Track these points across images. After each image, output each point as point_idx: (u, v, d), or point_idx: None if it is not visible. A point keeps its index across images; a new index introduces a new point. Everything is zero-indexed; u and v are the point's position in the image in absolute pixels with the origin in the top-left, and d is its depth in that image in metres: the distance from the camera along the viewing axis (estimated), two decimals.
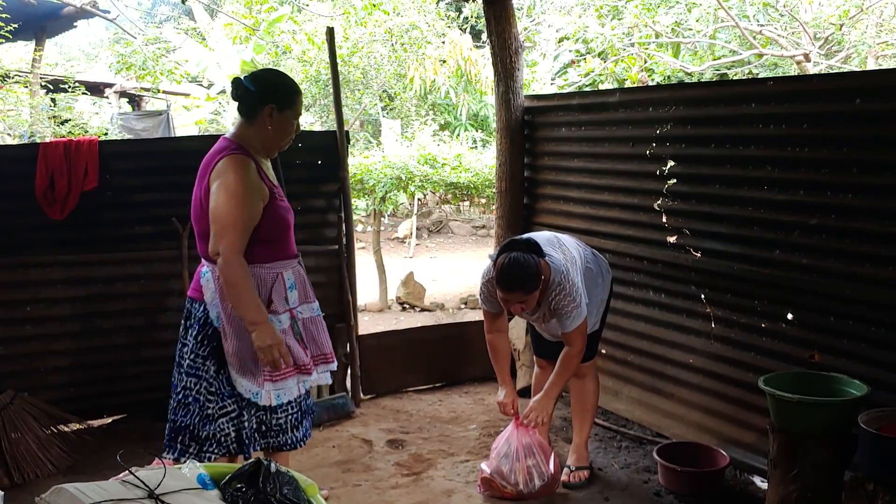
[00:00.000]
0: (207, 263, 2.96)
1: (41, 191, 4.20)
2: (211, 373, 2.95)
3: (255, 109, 2.94)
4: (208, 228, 2.84)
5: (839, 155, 3.23)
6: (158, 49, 12.44)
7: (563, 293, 3.33)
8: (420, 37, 12.53)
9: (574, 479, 3.72)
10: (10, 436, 3.89)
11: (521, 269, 3.20)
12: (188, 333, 3.00)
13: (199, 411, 2.94)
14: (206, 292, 2.95)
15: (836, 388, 3.11)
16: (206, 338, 2.96)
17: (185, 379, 2.96)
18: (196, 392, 2.95)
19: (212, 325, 2.95)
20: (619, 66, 11.12)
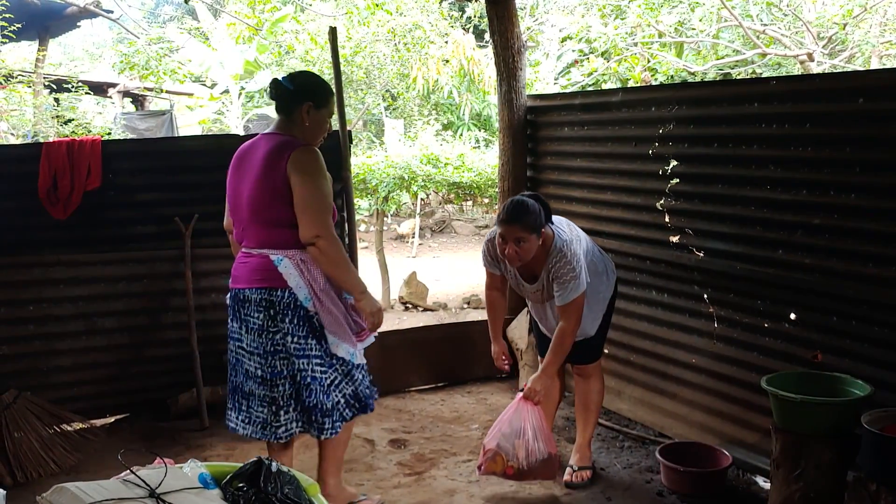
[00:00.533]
0: (280, 251, 3.07)
1: (44, 190, 4.21)
2: (315, 349, 3.11)
3: (294, 107, 3.13)
4: (279, 217, 3.03)
5: (842, 154, 3.23)
6: (161, 49, 12.46)
7: (564, 261, 3.38)
8: (423, 36, 12.53)
9: (576, 478, 3.72)
10: (13, 435, 3.90)
11: (523, 206, 3.36)
12: (276, 321, 3.08)
13: (319, 387, 3.11)
14: (288, 279, 3.06)
15: (839, 389, 3.10)
16: (300, 319, 3.08)
17: (297, 362, 3.09)
18: (311, 371, 3.09)
19: (302, 306, 3.08)
20: (623, 66, 11.10)
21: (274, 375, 3.11)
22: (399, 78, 13.34)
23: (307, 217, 3.00)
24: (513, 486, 3.70)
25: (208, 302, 4.62)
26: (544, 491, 3.66)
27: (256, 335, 3.11)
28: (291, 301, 3.07)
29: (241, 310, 3.16)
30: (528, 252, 3.38)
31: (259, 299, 3.09)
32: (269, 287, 3.07)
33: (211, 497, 2.22)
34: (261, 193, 3.07)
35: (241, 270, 3.18)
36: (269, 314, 3.08)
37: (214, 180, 4.60)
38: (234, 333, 3.23)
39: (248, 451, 4.07)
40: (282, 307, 3.07)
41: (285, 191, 3.00)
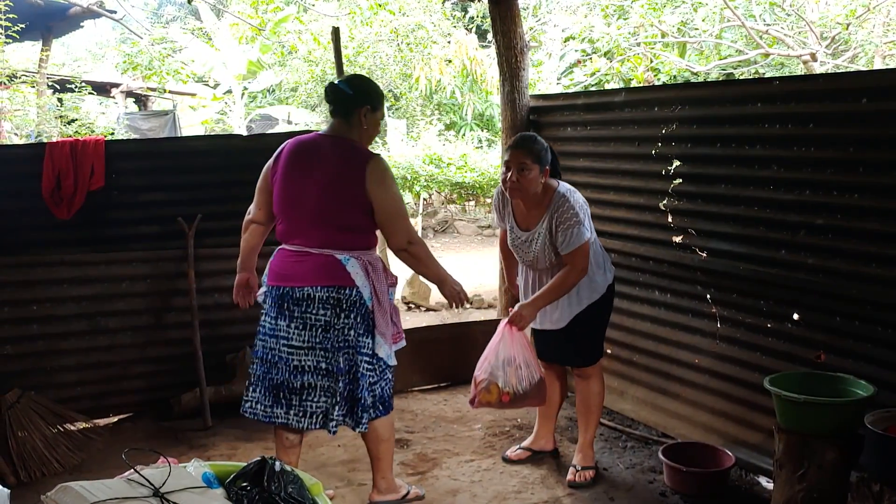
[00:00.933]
0: (346, 251, 3.17)
1: (48, 190, 4.21)
2: (367, 347, 3.22)
3: (352, 111, 3.21)
4: (350, 222, 3.17)
5: (845, 155, 3.22)
6: (164, 49, 12.48)
7: (567, 205, 3.44)
8: (425, 37, 12.55)
9: (579, 478, 3.72)
10: (16, 434, 3.91)
11: (532, 136, 3.58)
12: (341, 318, 3.17)
13: (365, 383, 3.20)
14: (356, 278, 3.16)
15: (842, 389, 3.10)
16: (361, 317, 3.19)
17: (355, 356, 3.19)
18: (362, 367, 3.20)
19: (364, 304, 3.18)
20: (625, 66, 11.11)
21: (338, 371, 3.18)
22: (402, 78, 13.36)
23: (397, 226, 3.21)
24: (515, 485, 3.71)
25: (211, 302, 4.63)
26: (548, 491, 3.66)
27: (321, 332, 3.18)
28: (357, 299, 3.17)
29: (294, 307, 3.19)
30: (528, 182, 3.44)
31: (326, 297, 3.15)
32: (337, 285, 3.15)
33: (215, 496, 2.22)
34: (333, 199, 3.14)
35: (296, 269, 3.18)
36: (336, 311, 3.16)
37: (218, 180, 4.64)
38: (279, 331, 3.23)
39: (251, 450, 4.08)
40: (348, 305, 3.16)
41: (363, 200, 3.13)
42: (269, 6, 12.81)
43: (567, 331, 3.68)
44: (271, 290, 3.26)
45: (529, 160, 3.42)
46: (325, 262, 3.15)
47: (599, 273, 3.65)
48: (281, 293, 3.21)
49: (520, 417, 4.52)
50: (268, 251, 3.45)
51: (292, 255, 3.21)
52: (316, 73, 14.08)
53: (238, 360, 4.66)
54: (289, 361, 3.21)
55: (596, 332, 3.77)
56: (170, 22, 20.53)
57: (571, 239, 3.42)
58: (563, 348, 3.76)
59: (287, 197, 3.23)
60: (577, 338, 3.70)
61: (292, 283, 3.18)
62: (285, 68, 15.06)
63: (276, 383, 3.25)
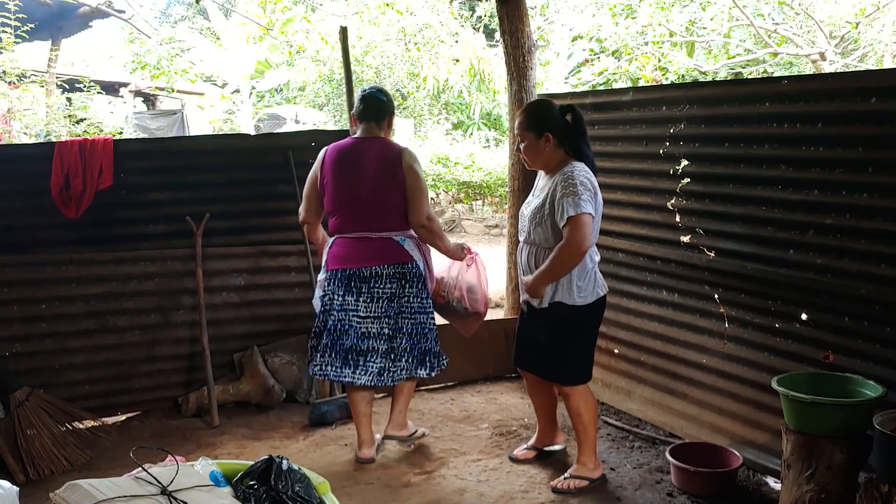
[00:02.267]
0: (399, 233, 3.81)
1: (56, 189, 4.23)
2: (430, 306, 3.95)
3: (384, 116, 3.86)
4: (398, 206, 3.75)
5: (854, 154, 3.21)
6: (173, 49, 12.51)
7: (567, 177, 3.39)
8: (433, 36, 12.55)
9: (562, 485, 3.64)
10: (25, 432, 3.93)
11: (534, 104, 3.77)
12: (405, 288, 3.83)
13: (432, 335, 3.94)
14: (413, 254, 3.83)
15: (850, 389, 3.09)
16: (422, 284, 3.88)
17: (420, 317, 3.89)
18: (430, 323, 3.93)
19: (422, 273, 3.87)
20: (633, 66, 11.08)
21: (396, 331, 3.83)
22: (409, 77, 13.36)
23: (421, 203, 3.75)
24: (522, 485, 3.71)
25: (219, 301, 4.64)
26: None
27: (386, 302, 3.80)
28: (416, 271, 3.84)
29: (362, 284, 3.79)
30: (529, 152, 3.57)
31: (392, 273, 3.79)
32: (400, 262, 3.80)
33: (222, 494, 2.23)
34: (383, 190, 3.73)
35: (362, 252, 3.77)
36: (401, 283, 3.82)
37: (225, 179, 4.65)
38: (348, 305, 3.81)
39: (258, 449, 4.09)
40: (410, 276, 3.83)
41: (402, 184, 3.72)
42: (278, 6, 12.84)
43: (550, 341, 3.58)
44: (336, 273, 3.82)
45: (524, 130, 3.54)
46: (387, 244, 3.77)
47: (586, 279, 3.51)
48: (348, 273, 3.79)
49: (527, 417, 4.52)
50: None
51: (355, 242, 3.78)
52: (323, 73, 14.10)
53: (246, 358, 4.68)
54: (357, 329, 3.81)
55: (577, 350, 3.60)
56: (178, 22, 20.58)
57: (566, 207, 3.33)
58: (543, 360, 3.65)
59: (341, 196, 3.77)
60: (559, 351, 3.58)
61: (360, 264, 3.77)
62: (293, 68, 15.09)
63: (345, 348, 3.82)
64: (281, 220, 4.77)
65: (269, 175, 4.73)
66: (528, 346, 3.73)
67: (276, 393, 4.66)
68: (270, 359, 4.74)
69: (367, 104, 3.83)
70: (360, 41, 12.50)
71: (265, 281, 4.76)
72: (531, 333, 3.68)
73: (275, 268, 4.77)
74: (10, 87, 9.63)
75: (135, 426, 4.50)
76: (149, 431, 4.41)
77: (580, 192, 3.34)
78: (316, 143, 4.79)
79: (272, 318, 4.82)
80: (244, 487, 2.28)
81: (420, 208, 3.74)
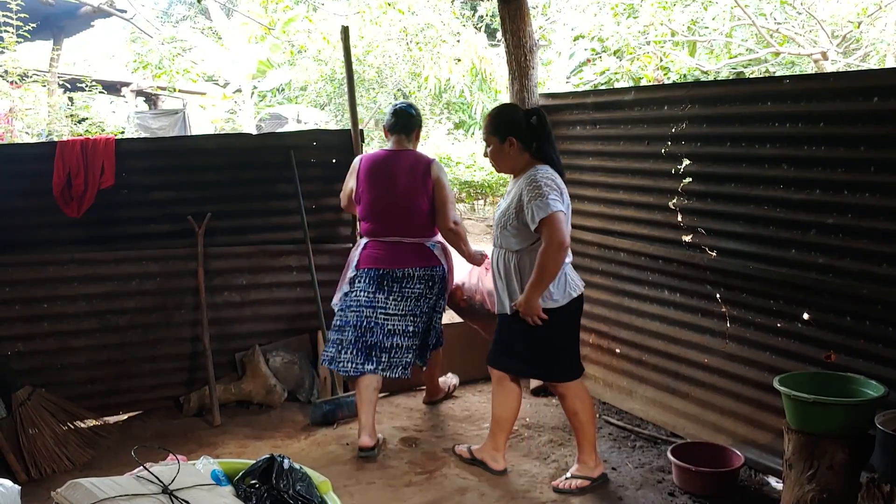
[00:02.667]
0: (429, 239, 4.17)
1: (58, 189, 4.24)
2: (441, 307, 4.34)
3: (413, 129, 4.23)
4: (428, 213, 4.09)
5: (856, 154, 3.21)
6: (174, 48, 12.51)
7: (530, 180, 3.43)
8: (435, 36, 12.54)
9: (564, 485, 3.64)
10: (27, 431, 3.94)
11: (496, 109, 3.76)
12: (431, 290, 4.16)
13: (437, 331, 4.35)
14: (440, 258, 4.18)
15: (852, 389, 3.08)
16: (443, 287, 4.23)
17: (435, 316, 4.28)
18: (435, 320, 4.30)
19: (444, 277, 4.21)
20: (635, 65, 11.07)
21: (419, 328, 4.15)
22: (411, 77, 13.35)
23: (448, 210, 4.09)
24: (524, 484, 3.71)
25: (221, 300, 4.65)
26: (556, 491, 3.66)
27: (413, 301, 4.11)
28: (441, 274, 4.18)
29: (394, 284, 4.09)
30: (494, 157, 3.65)
31: (422, 275, 4.11)
32: (430, 266, 4.13)
33: (223, 493, 2.23)
34: (414, 198, 4.05)
35: (395, 255, 4.08)
36: (428, 285, 4.14)
37: (227, 179, 4.66)
38: (377, 303, 4.08)
39: (260, 448, 4.09)
40: (436, 279, 4.16)
41: (431, 193, 4.06)
42: (279, 5, 12.84)
43: (529, 344, 3.58)
44: (367, 272, 4.10)
45: (489, 134, 3.63)
46: (419, 248, 4.12)
47: (556, 284, 3.48)
48: (381, 273, 4.09)
49: (528, 417, 4.52)
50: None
51: (388, 245, 4.08)
52: (325, 73, 14.10)
53: (247, 358, 4.68)
54: (384, 326, 4.07)
55: (559, 348, 3.60)
56: (180, 21, 20.59)
57: (535, 211, 3.35)
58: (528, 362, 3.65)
59: (375, 203, 4.09)
60: (542, 352, 3.58)
61: (393, 265, 4.07)
62: (295, 67, 15.09)
63: (369, 344, 4.08)
64: (282, 220, 4.78)
65: (270, 174, 4.73)
66: (509, 349, 3.69)
67: (278, 392, 4.66)
68: (272, 358, 4.74)
69: (398, 118, 4.17)
70: (362, 41, 12.49)
71: (267, 280, 4.77)
72: (512, 336, 3.66)
73: (276, 267, 4.77)
74: (12, 86, 9.63)
75: (136, 425, 4.50)
76: (150, 431, 4.41)
77: (546, 193, 3.36)
78: (317, 142, 4.80)
79: (274, 317, 4.82)
80: (245, 486, 2.28)
81: (447, 214, 4.08)
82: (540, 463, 3.95)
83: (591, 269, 4.72)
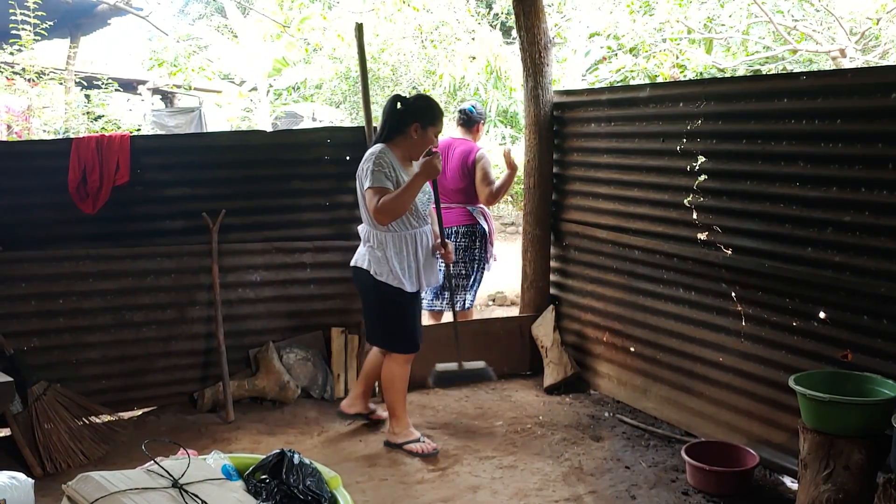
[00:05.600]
0: (469, 205, 5.24)
1: (74, 185, 4.25)
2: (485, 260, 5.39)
3: (473, 125, 5.31)
4: (469, 188, 5.18)
5: (874, 151, 3.17)
6: (190, 46, 12.56)
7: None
8: (450, 33, 12.52)
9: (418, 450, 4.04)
10: (43, 426, 3.96)
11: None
12: (474, 243, 5.28)
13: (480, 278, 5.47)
14: (479, 219, 5.25)
15: (869, 388, 3.06)
16: (484, 242, 5.31)
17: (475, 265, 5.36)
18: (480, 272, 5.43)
19: (486, 234, 5.29)
20: (651, 63, 11.01)
21: (468, 272, 5.31)
22: (425, 75, 13.34)
23: (483, 189, 5.13)
24: (536, 482, 3.70)
25: (235, 297, 4.66)
26: (569, 489, 3.64)
27: (462, 251, 5.22)
28: (481, 231, 5.25)
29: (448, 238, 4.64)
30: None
31: (465, 231, 5.23)
32: (471, 224, 5.24)
33: (233, 488, 2.24)
34: (463, 175, 5.16)
35: (446, 217, 4.63)
36: (471, 239, 5.24)
37: (242, 176, 4.67)
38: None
39: (273, 444, 4.09)
40: (477, 235, 5.25)
41: (474, 172, 5.14)
42: (294, 3, 12.86)
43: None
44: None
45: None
46: (462, 211, 5.22)
47: (388, 264, 3.82)
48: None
49: (541, 415, 4.50)
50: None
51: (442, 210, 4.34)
52: (340, 71, 14.12)
53: (261, 354, 4.69)
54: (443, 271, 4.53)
55: (372, 316, 4.01)
56: (196, 20, 20.68)
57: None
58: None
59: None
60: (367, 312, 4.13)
61: (445, 225, 4.54)
62: (310, 65, 15.12)
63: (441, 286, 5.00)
64: (297, 217, 4.78)
65: (284, 171, 4.73)
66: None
67: (291, 389, 4.67)
68: (286, 354, 4.75)
69: (461, 115, 5.32)
70: (377, 38, 12.50)
71: (280, 277, 4.77)
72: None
73: (290, 264, 4.78)
74: (29, 84, 9.70)
75: (150, 421, 4.52)
76: (164, 426, 4.43)
77: (366, 171, 3.84)
78: (331, 139, 4.80)
79: (287, 314, 4.83)
80: (255, 481, 2.28)
81: (483, 191, 5.12)
82: (553, 461, 3.93)
83: (606, 266, 4.70)
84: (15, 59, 9.41)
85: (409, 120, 3.78)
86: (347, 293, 4.82)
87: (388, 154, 3.74)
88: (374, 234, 3.84)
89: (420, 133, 3.79)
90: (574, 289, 5.04)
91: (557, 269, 5.21)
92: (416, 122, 3.78)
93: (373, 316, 4.02)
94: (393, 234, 3.82)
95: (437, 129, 3.87)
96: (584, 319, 4.96)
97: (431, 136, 3.83)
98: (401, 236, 3.83)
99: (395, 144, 3.81)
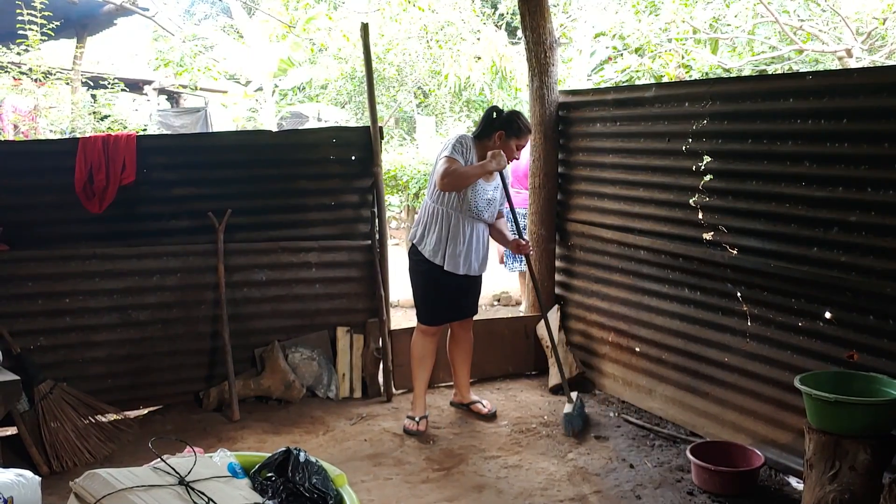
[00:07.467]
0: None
1: (80, 185, 4.27)
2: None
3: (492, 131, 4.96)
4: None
5: (880, 150, 3.17)
6: (196, 46, 12.57)
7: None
8: (455, 33, 12.52)
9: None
10: (49, 425, 3.97)
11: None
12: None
13: None
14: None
15: (874, 389, 3.05)
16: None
17: None
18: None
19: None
20: (657, 63, 10.98)
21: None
22: (431, 75, 13.34)
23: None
24: (541, 482, 3.69)
25: (240, 296, 4.67)
26: (573, 489, 3.64)
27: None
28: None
29: None
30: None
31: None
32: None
33: (239, 486, 2.24)
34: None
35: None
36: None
37: (247, 176, 4.68)
38: None
39: (278, 443, 4.10)
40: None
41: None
42: (300, 4, 12.87)
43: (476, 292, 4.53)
44: None
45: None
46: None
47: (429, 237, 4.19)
48: None
49: (546, 415, 4.50)
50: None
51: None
52: (345, 71, 14.13)
53: (266, 353, 4.70)
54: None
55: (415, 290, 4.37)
56: (202, 20, 20.72)
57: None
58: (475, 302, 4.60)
59: None
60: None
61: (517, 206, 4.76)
62: (315, 65, 15.14)
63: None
64: (302, 216, 4.79)
65: (290, 171, 4.75)
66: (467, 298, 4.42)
67: (297, 388, 4.68)
68: (291, 354, 4.76)
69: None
70: (382, 39, 12.50)
71: (286, 276, 4.78)
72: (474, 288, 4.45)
73: (296, 263, 4.79)
74: (36, 84, 9.73)
75: (156, 420, 4.53)
76: (170, 425, 4.44)
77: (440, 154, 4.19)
78: (336, 139, 4.81)
79: (293, 313, 4.83)
80: (261, 479, 2.29)
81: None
82: (558, 461, 3.93)
83: (611, 266, 4.70)
84: (22, 60, 9.44)
85: (497, 128, 4.18)
86: (353, 293, 4.83)
87: (471, 143, 4.15)
88: (429, 206, 4.22)
89: (503, 141, 4.18)
90: (579, 289, 5.04)
91: (562, 269, 5.21)
92: (502, 131, 4.17)
93: (411, 283, 4.40)
94: (444, 209, 4.15)
95: (520, 142, 4.23)
96: (590, 319, 4.96)
97: (513, 146, 4.20)
98: (449, 214, 4.15)
99: (480, 143, 4.20)
